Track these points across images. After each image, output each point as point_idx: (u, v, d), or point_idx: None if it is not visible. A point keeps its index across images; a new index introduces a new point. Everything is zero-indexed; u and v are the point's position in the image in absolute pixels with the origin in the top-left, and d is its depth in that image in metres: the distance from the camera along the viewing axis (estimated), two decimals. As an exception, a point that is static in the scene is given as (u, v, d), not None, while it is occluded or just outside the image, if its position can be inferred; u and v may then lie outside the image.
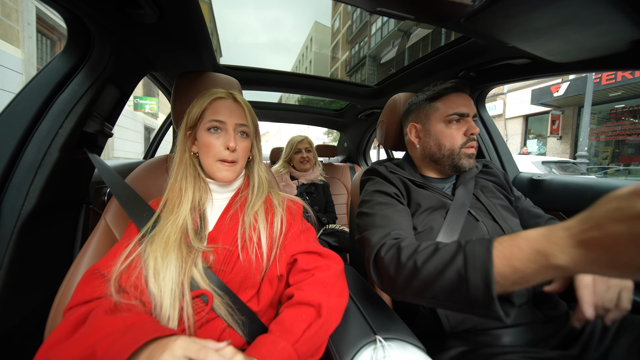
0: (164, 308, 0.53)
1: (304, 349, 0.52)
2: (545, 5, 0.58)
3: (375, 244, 0.65)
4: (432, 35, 14.88)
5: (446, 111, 0.83)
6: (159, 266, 0.55)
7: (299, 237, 0.71)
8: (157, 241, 0.58)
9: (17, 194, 0.67)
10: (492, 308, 0.43)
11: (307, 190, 1.99)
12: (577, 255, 0.36)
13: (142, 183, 0.84)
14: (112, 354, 0.41)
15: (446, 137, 0.83)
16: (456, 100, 0.82)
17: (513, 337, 0.61)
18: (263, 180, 0.76)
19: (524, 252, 0.41)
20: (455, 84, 0.84)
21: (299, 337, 0.52)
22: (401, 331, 0.58)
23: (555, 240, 0.38)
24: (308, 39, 43.97)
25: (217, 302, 0.57)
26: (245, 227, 0.65)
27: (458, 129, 0.82)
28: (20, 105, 0.70)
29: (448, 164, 0.84)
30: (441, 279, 0.49)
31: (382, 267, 0.61)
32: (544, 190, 1.13)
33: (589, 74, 7.07)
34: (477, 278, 0.45)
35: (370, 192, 0.82)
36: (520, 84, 9.77)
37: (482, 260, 0.45)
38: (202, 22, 0.85)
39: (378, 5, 0.65)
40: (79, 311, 0.50)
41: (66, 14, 0.70)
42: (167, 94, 1.45)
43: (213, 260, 0.61)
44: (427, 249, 0.54)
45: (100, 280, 0.55)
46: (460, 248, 0.49)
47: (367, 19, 23.54)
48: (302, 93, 1.75)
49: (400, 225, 0.70)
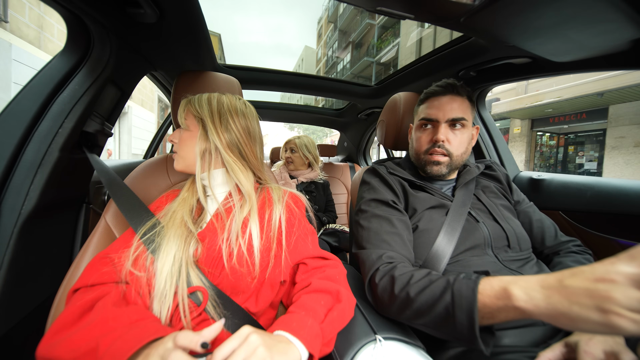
0: (162, 286, 0.54)
1: (327, 332, 0.52)
2: (545, 5, 0.58)
3: (369, 267, 0.67)
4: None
5: (419, 116, 0.85)
6: (164, 244, 0.58)
7: (305, 241, 0.69)
8: (167, 218, 0.63)
9: (17, 194, 0.67)
10: (475, 343, 0.48)
11: (307, 189, 1.99)
12: (536, 298, 0.42)
13: (142, 183, 0.84)
14: (114, 350, 0.41)
15: (416, 142, 0.86)
16: (431, 105, 0.83)
17: (513, 338, 0.61)
18: (245, 188, 0.68)
19: (494, 289, 0.48)
20: (436, 87, 0.83)
21: (323, 318, 0.53)
22: (401, 331, 0.59)
23: (522, 282, 0.46)
24: (300, 59, 48.19)
25: (209, 304, 0.56)
26: (231, 235, 0.62)
27: (427, 135, 0.83)
28: (20, 104, 0.70)
29: (420, 168, 0.87)
30: (431, 312, 0.54)
31: (376, 293, 0.64)
32: (543, 190, 1.13)
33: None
34: (463, 317, 0.49)
35: (367, 200, 0.82)
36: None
37: (468, 301, 0.49)
38: (202, 22, 0.85)
39: (378, 5, 0.65)
40: (86, 297, 0.51)
41: (66, 13, 0.70)
42: (167, 94, 1.45)
43: (200, 256, 0.60)
44: (420, 282, 0.58)
45: (109, 266, 0.57)
46: (448, 285, 0.53)
47: (335, 60, 27.52)
48: (302, 93, 1.75)
49: (394, 246, 0.70)
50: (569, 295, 0.39)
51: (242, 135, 0.70)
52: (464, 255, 0.73)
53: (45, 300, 0.75)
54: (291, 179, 2.01)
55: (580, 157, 9.36)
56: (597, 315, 0.36)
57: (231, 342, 0.42)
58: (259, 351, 0.42)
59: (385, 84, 1.59)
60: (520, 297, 0.44)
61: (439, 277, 0.57)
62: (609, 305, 0.35)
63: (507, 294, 0.46)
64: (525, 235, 0.80)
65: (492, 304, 0.47)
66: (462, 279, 0.53)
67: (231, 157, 0.68)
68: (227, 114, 0.69)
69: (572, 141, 9.59)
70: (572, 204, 1.04)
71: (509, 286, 0.46)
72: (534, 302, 0.43)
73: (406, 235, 0.74)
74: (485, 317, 0.49)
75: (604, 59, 0.80)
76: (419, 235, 0.76)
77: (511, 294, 0.45)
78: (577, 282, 0.39)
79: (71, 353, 0.43)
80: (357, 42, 23.58)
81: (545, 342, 0.61)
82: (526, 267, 0.74)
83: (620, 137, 7.89)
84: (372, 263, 0.67)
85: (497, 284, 0.48)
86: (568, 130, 9.48)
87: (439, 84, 0.83)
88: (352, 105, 2.14)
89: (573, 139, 9.55)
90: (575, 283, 0.39)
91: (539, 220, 0.86)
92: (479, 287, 0.50)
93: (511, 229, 0.78)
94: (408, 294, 0.57)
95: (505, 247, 0.76)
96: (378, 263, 0.66)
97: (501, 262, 0.73)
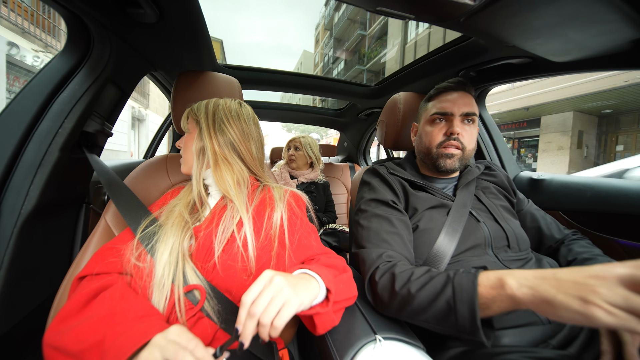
0: (161, 274, 0.55)
1: (337, 289, 0.55)
2: (545, 5, 0.58)
3: (369, 266, 0.68)
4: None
5: (431, 110, 0.85)
6: (162, 235, 0.60)
7: (309, 239, 0.70)
8: (167, 211, 0.65)
9: (17, 194, 0.67)
10: (477, 335, 0.49)
11: (307, 189, 1.99)
12: (527, 287, 0.45)
13: (142, 183, 0.84)
14: (120, 344, 0.42)
15: (427, 136, 0.85)
16: (444, 100, 0.83)
17: (513, 338, 0.61)
18: (224, 186, 0.67)
19: (490, 280, 0.50)
20: (448, 83, 0.84)
21: (333, 278, 0.57)
22: (401, 331, 0.58)
23: (517, 273, 0.48)
24: (299, 62, 50.35)
25: (206, 302, 0.57)
26: (230, 222, 0.63)
27: (440, 129, 0.83)
28: (20, 104, 0.70)
29: (430, 163, 0.86)
30: (433, 307, 0.55)
31: (376, 292, 0.64)
32: (543, 190, 1.13)
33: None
34: (464, 309, 0.50)
35: (366, 200, 0.82)
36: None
37: (468, 294, 0.51)
38: (202, 22, 0.85)
39: (378, 5, 0.65)
40: (91, 285, 0.53)
41: (66, 13, 0.70)
42: (167, 94, 1.45)
43: (193, 251, 0.61)
44: (420, 279, 0.58)
45: (115, 257, 0.59)
46: (449, 280, 0.55)
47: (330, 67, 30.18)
48: (302, 93, 1.75)
49: (394, 245, 0.70)
50: (558, 285, 0.42)
51: (237, 134, 0.72)
52: (464, 255, 0.73)
53: (45, 300, 0.75)
54: (291, 179, 2.01)
55: (529, 158, 11.81)
56: (578, 304, 0.39)
57: (257, 284, 0.46)
58: (285, 291, 0.46)
59: (385, 84, 1.59)
60: (512, 286, 0.47)
61: (439, 273, 0.58)
62: (592, 297, 0.38)
63: (501, 284, 0.48)
64: (524, 235, 0.80)
65: (488, 294, 0.49)
66: (462, 273, 0.54)
67: (220, 156, 0.70)
68: (221, 113, 0.72)
69: (524, 144, 12.16)
70: (572, 204, 1.04)
71: (504, 276, 0.49)
72: (523, 290, 0.45)
73: (406, 235, 0.74)
74: (481, 308, 0.50)
75: (604, 59, 0.80)
76: (419, 235, 0.76)
77: (505, 283, 0.48)
78: (570, 276, 0.42)
79: (77, 344, 0.44)
80: (350, 50, 26.03)
81: (545, 341, 0.61)
82: (526, 267, 0.74)
83: (548, 142, 10.30)
84: (372, 261, 0.67)
85: (493, 275, 0.51)
86: (514, 135, 12.17)
87: (451, 81, 0.85)
88: (352, 106, 2.14)
89: (525, 142, 12.04)
90: (568, 276, 0.42)
91: (543, 217, 0.90)
92: (478, 279, 0.51)
93: (511, 230, 0.78)
94: (409, 291, 0.57)
95: (505, 247, 0.76)
96: (378, 261, 0.66)
97: (501, 261, 0.73)
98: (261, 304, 0.44)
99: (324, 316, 0.53)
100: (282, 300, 0.45)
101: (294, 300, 0.46)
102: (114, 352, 0.41)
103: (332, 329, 0.58)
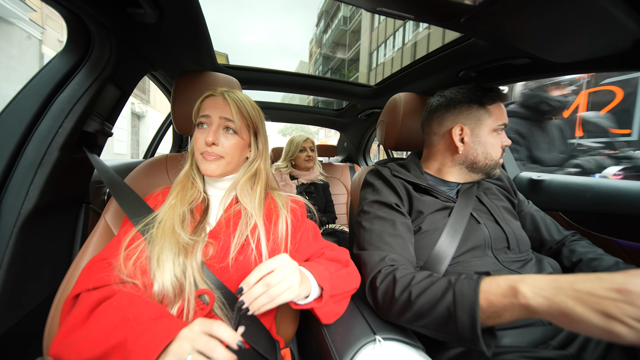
0: (168, 292, 0.55)
1: (335, 283, 0.59)
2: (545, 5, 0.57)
3: (371, 269, 0.67)
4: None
5: (497, 120, 0.79)
6: (157, 252, 0.57)
7: (309, 237, 0.73)
8: (157, 227, 0.61)
9: (17, 194, 0.67)
10: (477, 344, 0.48)
11: (307, 190, 1.99)
12: (543, 297, 0.43)
13: (142, 183, 0.84)
14: (145, 342, 0.41)
15: (494, 148, 0.80)
16: (501, 108, 0.81)
17: (513, 339, 0.61)
18: (260, 178, 0.74)
19: (500, 287, 0.48)
20: (506, 92, 0.82)
21: (331, 273, 0.61)
22: (400, 331, 0.58)
23: (530, 280, 0.46)
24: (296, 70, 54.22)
25: (216, 303, 0.57)
26: (245, 228, 0.65)
27: (499, 140, 0.81)
28: (20, 104, 0.70)
29: (484, 172, 0.83)
30: (433, 313, 0.54)
31: (377, 296, 0.64)
32: (543, 190, 1.13)
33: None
34: (464, 316, 0.49)
35: (369, 202, 0.82)
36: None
37: (470, 300, 0.49)
38: (202, 22, 0.85)
39: (378, 5, 0.65)
40: (92, 297, 0.51)
41: (66, 13, 0.70)
42: (167, 94, 1.45)
43: (211, 255, 0.62)
44: (421, 284, 0.57)
45: (107, 269, 0.56)
46: (450, 285, 0.53)
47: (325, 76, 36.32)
48: (302, 93, 1.75)
49: (396, 248, 0.70)
50: (576, 296, 0.40)
51: (268, 149, 0.78)
52: (464, 257, 0.73)
53: (44, 300, 0.75)
54: (291, 180, 2.01)
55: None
56: (599, 319, 0.37)
57: (276, 260, 0.50)
58: (295, 274, 0.50)
59: (385, 85, 1.59)
60: (527, 294, 0.44)
61: (440, 278, 0.57)
62: (615, 311, 0.36)
63: (514, 292, 0.46)
64: (524, 236, 0.80)
65: (499, 302, 0.47)
66: (463, 279, 0.53)
67: (262, 172, 0.74)
68: (262, 121, 0.76)
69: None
70: (572, 205, 1.04)
71: (516, 284, 0.46)
72: (538, 300, 0.43)
73: (408, 238, 0.73)
74: (491, 317, 0.48)
75: (604, 59, 0.80)
76: (421, 237, 0.75)
77: (519, 291, 0.45)
78: (589, 287, 0.40)
79: (91, 352, 0.42)
80: (334, 68, 32.36)
81: (545, 342, 0.61)
82: (526, 267, 0.74)
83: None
84: (374, 265, 0.67)
85: (503, 282, 0.48)
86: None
87: (503, 88, 0.83)
88: (352, 106, 2.14)
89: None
90: (587, 287, 0.40)
91: (543, 218, 0.90)
92: (482, 286, 0.50)
93: (511, 231, 0.78)
94: (409, 296, 0.57)
95: (504, 249, 0.76)
96: (380, 265, 0.66)
97: (501, 263, 0.73)
98: (276, 277, 0.47)
99: (323, 308, 0.57)
100: (289, 283, 0.49)
101: (295, 289, 0.50)
102: (139, 352, 0.40)
103: (332, 329, 0.58)
